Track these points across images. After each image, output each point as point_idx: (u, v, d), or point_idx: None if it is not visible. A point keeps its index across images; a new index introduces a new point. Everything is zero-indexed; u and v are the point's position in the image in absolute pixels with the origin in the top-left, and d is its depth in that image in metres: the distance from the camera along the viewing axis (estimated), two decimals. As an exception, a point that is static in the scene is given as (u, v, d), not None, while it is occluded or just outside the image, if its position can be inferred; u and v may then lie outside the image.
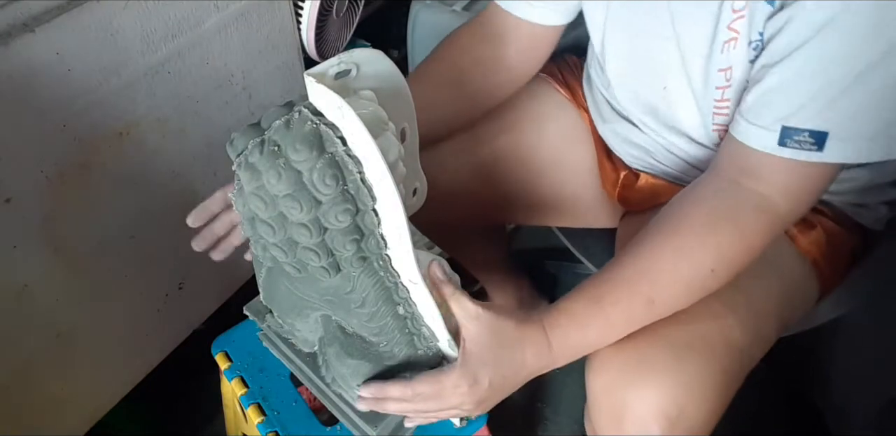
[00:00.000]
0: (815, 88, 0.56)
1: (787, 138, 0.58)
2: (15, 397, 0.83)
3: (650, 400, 0.59)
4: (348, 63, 0.55)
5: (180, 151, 0.92)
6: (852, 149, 0.57)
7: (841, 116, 0.56)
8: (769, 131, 0.58)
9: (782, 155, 0.58)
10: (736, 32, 0.63)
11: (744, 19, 0.61)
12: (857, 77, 0.54)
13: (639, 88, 0.76)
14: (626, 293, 0.60)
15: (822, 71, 0.56)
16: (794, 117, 0.57)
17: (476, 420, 0.72)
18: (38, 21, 0.68)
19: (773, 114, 0.58)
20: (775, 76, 0.58)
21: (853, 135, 0.57)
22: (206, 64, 0.89)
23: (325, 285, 0.60)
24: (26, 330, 0.81)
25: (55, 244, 0.80)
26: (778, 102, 0.58)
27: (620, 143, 0.84)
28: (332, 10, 1.05)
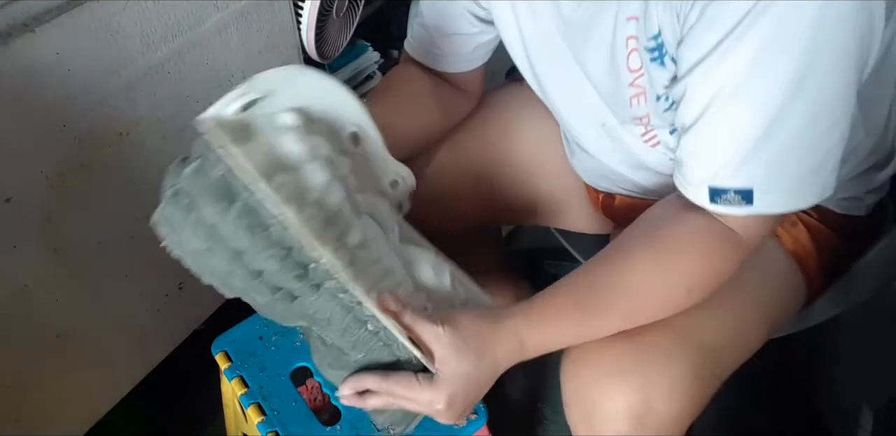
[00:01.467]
0: (726, 152, 0.58)
1: (716, 196, 0.59)
2: (15, 397, 0.83)
3: (618, 399, 0.60)
4: (252, 93, 0.52)
5: (180, 151, 0.91)
6: (781, 200, 0.59)
7: (759, 172, 0.57)
8: (699, 189, 0.60)
9: (718, 211, 0.60)
10: (640, 88, 0.65)
11: (644, 77, 0.64)
12: (762, 135, 0.55)
13: (585, 126, 0.77)
14: (604, 305, 0.62)
15: (727, 134, 0.57)
16: (716, 178, 0.59)
17: (476, 420, 0.73)
18: (38, 21, 0.68)
19: (696, 175, 0.60)
20: (688, 143, 0.60)
21: (778, 187, 0.58)
22: (206, 64, 0.89)
23: (290, 307, 0.59)
24: (26, 330, 0.81)
25: (55, 244, 0.80)
26: (697, 166, 0.60)
27: (587, 173, 0.85)
28: (332, 10, 1.05)
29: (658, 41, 0.60)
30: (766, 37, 0.52)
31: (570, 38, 0.68)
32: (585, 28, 0.65)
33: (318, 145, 0.54)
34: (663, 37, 0.60)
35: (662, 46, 0.60)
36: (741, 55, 0.54)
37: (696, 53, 0.56)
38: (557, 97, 0.77)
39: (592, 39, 0.65)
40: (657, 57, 0.62)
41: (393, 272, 0.60)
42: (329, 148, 0.54)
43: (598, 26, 0.64)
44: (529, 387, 1.18)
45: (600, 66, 0.67)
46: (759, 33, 0.52)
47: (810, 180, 0.58)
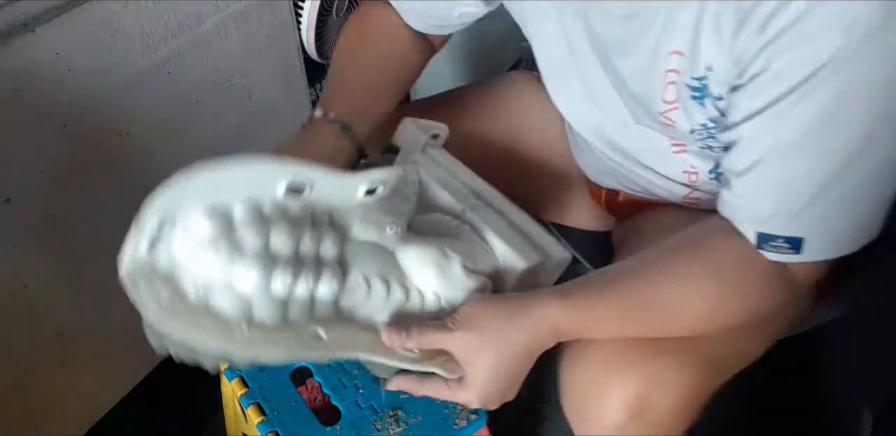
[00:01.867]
0: (780, 203, 0.56)
1: (763, 243, 0.58)
2: (15, 397, 0.83)
3: (613, 392, 0.60)
4: (153, 222, 0.49)
5: (180, 151, 0.92)
6: (831, 248, 0.58)
7: (812, 223, 0.56)
8: (747, 231, 0.59)
9: (767, 257, 0.59)
10: (671, 121, 0.64)
11: (678, 111, 0.62)
12: (820, 189, 0.54)
13: (602, 124, 0.75)
14: (652, 318, 0.61)
15: (784, 186, 0.56)
16: (765, 225, 0.57)
17: (476, 420, 0.73)
18: (38, 21, 0.68)
19: (745, 218, 0.59)
20: (739, 189, 0.58)
21: (829, 236, 0.57)
22: (206, 64, 0.89)
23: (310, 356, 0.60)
24: (26, 330, 0.81)
25: (55, 244, 0.80)
26: (747, 210, 0.59)
27: (593, 172, 0.84)
28: (332, 10, 1.05)
29: (703, 82, 0.58)
30: (838, 94, 0.50)
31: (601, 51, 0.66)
32: (622, 47, 0.63)
33: (243, 238, 0.50)
34: (711, 78, 0.57)
35: (706, 87, 0.59)
36: (809, 110, 0.51)
37: (756, 103, 0.54)
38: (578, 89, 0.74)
39: (623, 61, 0.63)
40: (699, 96, 0.60)
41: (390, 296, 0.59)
42: (257, 236, 0.50)
43: (629, 49, 0.62)
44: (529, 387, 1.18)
45: (630, 88, 0.65)
46: (831, 90, 0.50)
47: (863, 227, 0.58)
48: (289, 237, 0.50)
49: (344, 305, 0.57)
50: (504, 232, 0.63)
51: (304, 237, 0.53)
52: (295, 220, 0.52)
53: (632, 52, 0.62)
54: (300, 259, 0.53)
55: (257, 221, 0.49)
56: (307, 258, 0.53)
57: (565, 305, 0.59)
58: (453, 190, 0.66)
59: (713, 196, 0.74)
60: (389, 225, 0.58)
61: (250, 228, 0.49)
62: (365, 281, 0.57)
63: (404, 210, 0.61)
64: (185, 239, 0.48)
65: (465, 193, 0.67)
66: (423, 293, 0.60)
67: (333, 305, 0.56)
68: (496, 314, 0.58)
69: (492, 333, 0.58)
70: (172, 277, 0.49)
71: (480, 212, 0.64)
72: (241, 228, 0.49)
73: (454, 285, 0.59)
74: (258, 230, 0.49)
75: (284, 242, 0.50)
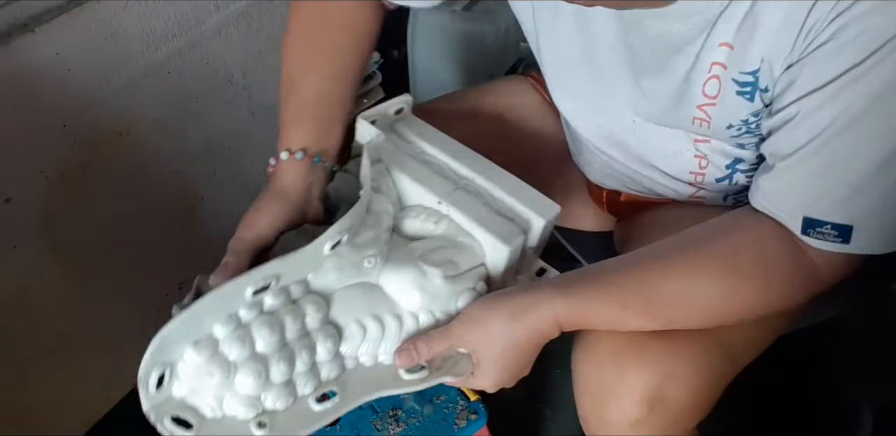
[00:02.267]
0: (831, 184, 0.54)
1: (809, 229, 0.56)
2: (15, 397, 0.83)
3: (630, 383, 0.59)
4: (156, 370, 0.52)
5: (180, 151, 0.92)
6: (880, 241, 0.56)
7: (863, 210, 0.54)
8: (792, 218, 0.57)
9: (809, 243, 0.57)
10: (706, 115, 0.62)
11: (715, 106, 0.61)
12: (874, 172, 0.53)
13: (603, 122, 0.74)
14: (655, 309, 0.60)
15: (836, 167, 0.54)
16: (814, 209, 0.56)
17: (476, 420, 0.73)
18: (38, 21, 0.68)
19: (791, 204, 0.57)
20: (787, 173, 0.57)
21: (879, 228, 0.55)
22: (206, 64, 0.89)
23: None
24: (26, 330, 0.81)
25: (55, 244, 0.80)
26: (794, 194, 0.57)
27: (594, 173, 0.83)
28: (332, 10, 1.05)
29: (756, 75, 0.57)
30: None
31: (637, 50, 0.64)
32: (666, 45, 0.61)
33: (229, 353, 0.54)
34: (763, 70, 0.56)
35: (757, 82, 0.57)
36: (869, 86, 0.50)
37: (815, 80, 0.52)
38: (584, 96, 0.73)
39: (670, 58, 0.62)
40: (748, 91, 0.58)
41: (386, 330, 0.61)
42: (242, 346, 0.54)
43: (681, 46, 0.60)
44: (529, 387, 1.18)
45: (666, 85, 0.63)
46: (894, 66, 0.48)
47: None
48: (270, 332, 0.54)
49: (346, 353, 0.60)
50: (483, 216, 0.63)
51: (286, 322, 0.56)
52: (273, 309, 0.56)
53: (680, 47, 0.60)
54: (289, 344, 0.56)
55: (237, 331, 0.53)
56: (297, 337, 0.57)
57: (567, 299, 0.59)
58: (427, 177, 0.65)
59: (718, 194, 0.74)
60: (366, 259, 0.60)
61: (233, 343, 0.53)
62: (358, 325, 0.59)
63: (379, 234, 0.62)
64: (185, 372, 0.53)
65: (441, 174, 0.66)
66: (415, 315, 0.61)
67: (336, 360, 0.59)
68: (500, 315, 0.59)
69: (497, 332, 0.59)
70: (188, 404, 0.53)
71: (456, 197, 0.64)
72: (224, 345, 0.53)
73: (441, 298, 0.61)
74: (240, 340, 0.53)
75: (268, 339, 0.54)
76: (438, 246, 0.63)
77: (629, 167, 0.76)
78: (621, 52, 0.66)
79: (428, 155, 0.68)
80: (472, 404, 0.79)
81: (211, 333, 0.53)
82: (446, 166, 0.67)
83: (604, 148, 0.77)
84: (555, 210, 0.65)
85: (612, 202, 0.86)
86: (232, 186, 1.01)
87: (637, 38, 0.63)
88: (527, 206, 0.64)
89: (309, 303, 0.57)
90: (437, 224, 0.64)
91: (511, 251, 0.62)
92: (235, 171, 1.01)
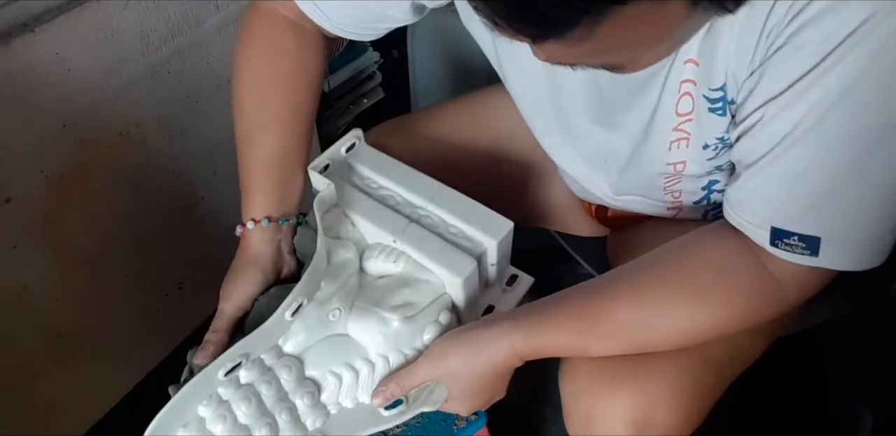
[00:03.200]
0: (797, 193, 0.53)
1: (777, 239, 0.54)
2: (15, 397, 0.83)
3: (616, 407, 0.59)
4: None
5: (180, 151, 0.92)
6: (849, 256, 0.54)
7: (830, 221, 0.53)
8: (760, 229, 0.55)
9: (777, 256, 0.55)
10: (685, 133, 0.61)
11: (692, 122, 0.59)
12: (839, 179, 0.51)
13: (575, 156, 0.73)
14: (615, 334, 0.60)
15: (800, 174, 0.52)
16: (781, 219, 0.54)
17: (476, 420, 0.73)
18: (38, 21, 0.68)
19: (759, 214, 0.55)
20: (751, 181, 0.55)
21: (848, 241, 0.53)
22: (206, 64, 0.89)
23: None
24: (26, 330, 0.81)
25: (55, 244, 0.80)
26: (761, 204, 0.55)
27: (579, 192, 0.83)
28: (332, 10, 1.05)
29: (723, 90, 0.55)
30: (858, 72, 0.46)
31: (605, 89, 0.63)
32: (635, 79, 0.59)
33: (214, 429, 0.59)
34: (730, 82, 0.55)
35: (725, 96, 0.56)
36: (826, 90, 0.48)
37: (775, 86, 0.51)
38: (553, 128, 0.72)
39: (639, 91, 0.60)
40: (720, 107, 0.57)
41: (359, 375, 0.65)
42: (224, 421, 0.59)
43: (648, 78, 0.58)
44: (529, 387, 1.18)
45: (641, 113, 0.62)
46: (851, 67, 0.46)
47: (886, 239, 0.53)
48: (248, 405, 0.60)
49: (328, 401, 0.65)
50: (435, 250, 0.66)
51: (262, 391, 0.61)
52: (250, 381, 0.61)
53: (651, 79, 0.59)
54: (269, 409, 0.61)
55: (218, 409, 0.59)
56: (275, 402, 0.62)
57: (523, 331, 0.61)
58: (382, 215, 0.68)
59: (698, 212, 0.73)
60: (331, 313, 0.64)
61: (216, 420, 0.59)
62: (334, 375, 0.64)
63: (343, 283, 0.65)
64: None
65: (395, 209, 0.69)
66: (385, 356, 0.65)
67: (319, 409, 0.64)
68: (461, 352, 0.63)
69: (461, 368, 0.62)
70: None
71: (410, 233, 0.67)
72: (209, 424, 0.59)
73: (405, 337, 0.65)
74: (222, 417, 0.59)
75: (246, 411, 0.60)
76: (398, 287, 0.67)
77: (607, 195, 0.76)
78: (588, 93, 0.64)
79: (382, 188, 0.71)
80: (471, 405, 0.79)
81: (197, 414, 0.58)
82: (399, 197, 0.70)
83: (580, 178, 0.77)
84: (506, 228, 0.68)
85: (601, 216, 0.86)
86: (232, 186, 1.01)
87: (603, 75, 0.60)
88: (478, 228, 0.67)
89: (282, 367, 0.62)
90: (396, 263, 0.67)
91: (465, 281, 0.65)
92: (235, 171, 1.01)
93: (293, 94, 0.70)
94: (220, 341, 0.61)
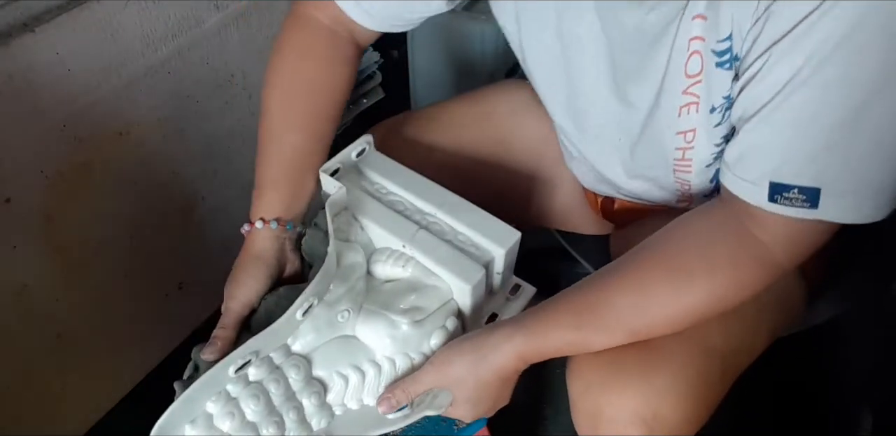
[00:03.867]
0: (796, 143, 0.52)
1: (776, 194, 0.54)
2: (15, 397, 0.83)
3: (624, 403, 0.59)
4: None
5: (180, 151, 0.92)
6: (850, 207, 0.53)
7: (830, 170, 0.52)
8: (757, 186, 0.55)
9: (775, 212, 0.55)
10: (694, 97, 0.60)
11: (701, 84, 0.59)
12: (841, 127, 0.51)
13: (589, 139, 0.74)
14: (611, 322, 0.61)
15: (800, 123, 0.52)
16: (780, 173, 0.54)
17: (476, 421, 0.73)
18: (38, 21, 0.68)
19: (757, 169, 0.55)
20: (751, 134, 0.55)
21: (848, 191, 0.53)
22: (206, 64, 0.89)
23: None
24: (26, 330, 0.81)
25: (55, 244, 0.80)
26: (760, 159, 0.55)
27: (585, 177, 0.84)
28: (332, 10, 1.05)
29: (730, 41, 0.55)
30: (863, 11, 0.46)
31: (617, 54, 0.64)
32: (644, 37, 0.60)
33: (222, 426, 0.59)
34: (736, 33, 0.54)
35: (731, 48, 0.55)
36: (828, 31, 0.47)
37: (776, 29, 0.50)
38: (565, 109, 0.74)
39: (649, 51, 0.60)
40: (727, 61, 0.56)
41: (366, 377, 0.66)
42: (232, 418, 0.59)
43: (658, 35, 0.59)
44: (529, 387, 1.18)
45: (653, 79, 0.62)
46: (855, 7, 0.46)
47: (888, 192, 0.53)
48: (256, 403, 0.60)
49: (333, 402, 0.65)
50: (444, 257, 0.67)
51: (270, 390, 0.61)
52: (258, 379, 0.61)
53: (660, 38, 0.59)
54: (277, 407, 0.62)
55: (227, 406, 0.59)
56: (283, 400, 0.62)
57: (524, 334, 0.62)
58: (392, 220, 0.69)
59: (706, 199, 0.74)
60: (340, 315, 0.64)
61: (224, 417, 0.59)
62: (340, 376, 0.65)
63: (352, 285, 0.66)
64: None
65: (404, 214, 0.70)
66: (391, 359, 0.66)
67: (325, 410, 0.65)
68: (466, 359, 0.63)
69: (466, 375, 0.63)
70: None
71: (419, 239, 0.67)
72: (217, 420, 0.59)
73: (413, 342, 0.65)
74: (230, 414, 0.59)
75: (255, 408, 0.60)
76: (406, 291, 0.67)
77: (620, 178, 0.76)
78: (601, 66, 0.65)
79: (392, 194, 0.72)
80: (472, 405, 0.79)
81: (205, 410, 0.59)
82: (409, 204, 0.71)
83: (593, 160, 0.77)
84: (514, 238, 0.69)
85: (607, 209, 0.86)
86: (232, 186, 1.01)
87: (616, 36, 0.63)
88: (487, 237, 0.68)
89: (290, 366, 0.63)
90: (405, 267, 0.68)
91: (473, 288, 0.66)
92: (235, 171, 1.01)
93: (319, 100, 0.72)
94: (228, 337, 0.61)
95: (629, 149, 0.71)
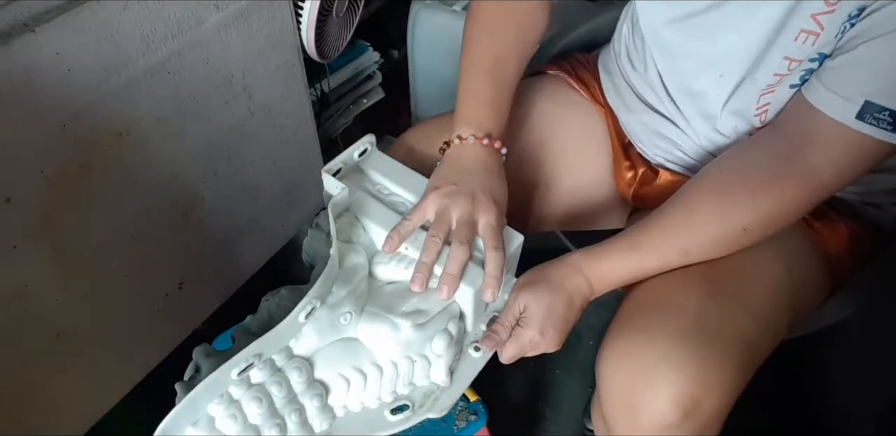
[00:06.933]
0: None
1: (866, 113, 0.56)
2: (15, 397, 0.83)
3: (667, 394, 0.60)
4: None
5: (180, 151, 0.92)
6: None
7: None
8: (850, 103, 0.57)
9: (857, 129, 0.57)
10: (819, 26, 0.61)
11: (832, 14, 0.60)
12: None
13: (689, 78, 0.74)
14: (662, 242, 0.65)
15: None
16: (879, 94, 0.56)
17: (476, 420, 0.73)
18: (38, 21, 0.68)
19: (857, 86, 0.57)
20: (866, 49, 0.56)
21: None
22: (206, 64, 0.89)
23: None
24: (26, 330, 0.81)
25: (55, 244, 0.80)
26: (864, 76, 0.57)
27: (647, 134, 0.83)
28: (332, 10, 1.05)
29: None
30: None
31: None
32: None
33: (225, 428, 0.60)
34: None
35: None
36: None
37: None
38: (682, 44, 0.73)
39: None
40: None
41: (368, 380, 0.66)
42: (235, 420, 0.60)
43: None
44: (529, 387, 1.18)
45: None
46: None
47: None
48: (258, 405, 0.60)
49: (335, 404, 0.65)
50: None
51: (273, 392, 0.62)
52: (261, 381, 0.61)
53: None
54: (279, 410, 0.62)
55: (230, 408, 0.59)
56: (285, 403, 0.62)
57: (589, 259, 0.67)
58: (393, 222, 0.69)
59: None
60: (342, 317, 0.64)
61: (227, 419, 0.59)
62: (342, 378, 0.65)
63: (354, 287, 0.66)
64: None
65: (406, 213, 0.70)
66: (393, 362, 0.66)
67: (326, 412, 0.65)
68: (544, 287, 0.66)
69: (548, 303, 0.66)
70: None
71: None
72: (219, 423, 0.59)
73: (415, 344, 0.65)
74: (233, 416, 0.59)
75: (257, 411, 0.60)
76: (408, 293, 0.67)
77: (689, 125, 0.77)
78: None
79: (393, 194, 0.72)
80: (471, 405, 0.79)
81: (208, 412, 0.59)
82: (410, 204, 0.71)
83: (695, 87, 0.75)
84: (517, 241, 0.70)
85: (644, 184, 0.85)
86: (232, 186, 1.01)
87: None
88: None
89: (293, 369, 0.63)
90: (407, 269, 0.68)
91: (477, 291, 0.66)
92: (235, 171, 1.01)
93: (522, 31, 0.78)
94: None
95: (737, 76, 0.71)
